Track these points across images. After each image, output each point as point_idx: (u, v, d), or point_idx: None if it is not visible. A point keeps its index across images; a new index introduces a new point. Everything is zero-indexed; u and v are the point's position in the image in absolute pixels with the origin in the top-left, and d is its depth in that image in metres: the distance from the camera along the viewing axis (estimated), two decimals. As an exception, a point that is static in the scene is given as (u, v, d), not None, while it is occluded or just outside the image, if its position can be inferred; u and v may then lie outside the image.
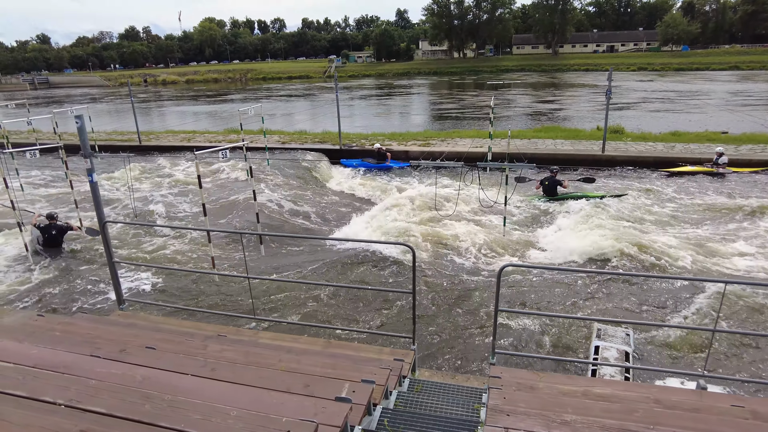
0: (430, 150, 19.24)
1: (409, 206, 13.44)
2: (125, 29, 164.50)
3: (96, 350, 4.21)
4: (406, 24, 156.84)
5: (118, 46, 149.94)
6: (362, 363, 4.38)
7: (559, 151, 18.81)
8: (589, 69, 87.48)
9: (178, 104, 59.80)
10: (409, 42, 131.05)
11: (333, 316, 8.07)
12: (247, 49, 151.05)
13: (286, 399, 3.16)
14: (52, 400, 2.78)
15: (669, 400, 3.77)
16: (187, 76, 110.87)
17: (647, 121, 29.18)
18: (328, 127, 27.00)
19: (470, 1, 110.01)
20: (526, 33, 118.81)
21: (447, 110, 41.32)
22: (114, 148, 23.49)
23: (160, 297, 8.98)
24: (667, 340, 7.11)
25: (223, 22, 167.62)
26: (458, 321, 7.84)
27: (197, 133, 27.25)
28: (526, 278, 9.26)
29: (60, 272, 10.32)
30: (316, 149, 20.84)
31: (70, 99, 73.95)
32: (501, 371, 4.32)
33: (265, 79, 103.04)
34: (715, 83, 57.69)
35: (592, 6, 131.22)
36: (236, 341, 4.99)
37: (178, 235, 12.04)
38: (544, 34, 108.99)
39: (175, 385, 3.28)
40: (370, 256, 10.31)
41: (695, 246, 10.57)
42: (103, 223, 6.05)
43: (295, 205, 14.53)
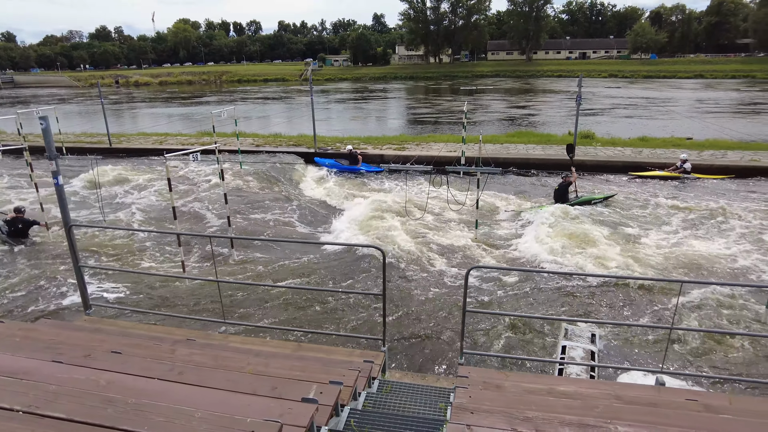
0: (405, 154, 19.38)
1: (381, 209, 13.51)
2: (96, 29, 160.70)
3: (58, 356, 4.13)
4: (382, 28, 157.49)
5: (89, 46, 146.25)
6: (332, 365, 4.41)
7: (531, 156, 19.17)
8: (561, 75, 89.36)
9: (150, 106, 58.67)
10: (386, 46, 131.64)
11: (304, 319, 8.06)
12: (222, 51, 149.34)
13: (252, 401, 3.17)
14: (9, 407, 2.73)
15: (628, 396, 3.90)
16: (160, 77, 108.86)
17: (617, 127, 29.99)
18: (304, 130, 26.88)
19: (446, 7, 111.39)
20: (500, 39, 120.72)
21: (423, 115, 41.65)
22: (82, 150, 22.93)
23: (129, 302, 8.81)
24: (630, 339, 7.33)
25: (198, 24, 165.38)
26: (429, 322, 7.92)
27: (170, 135, 26.80)
28: (495, 280, 9.41)
29: (23, 276, 10.03)
30: (291, 152, 20.76)
31: (37, 99, 71.76)
32: (469, 371, 4.40)
33: (241, 81, 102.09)
34: (682, 91, 59.63)
35: (565, 14, 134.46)
36: (205, 345, 4.96)
37: (148, 239, 11.83)
38: (518, 40, 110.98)
39: (141, 388, 3.25)
40: (341, 259, 10.33)
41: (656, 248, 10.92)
42: (68, 227, 5.93)
43: (267, 208, 14.43)
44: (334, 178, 18.39)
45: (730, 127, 26.86)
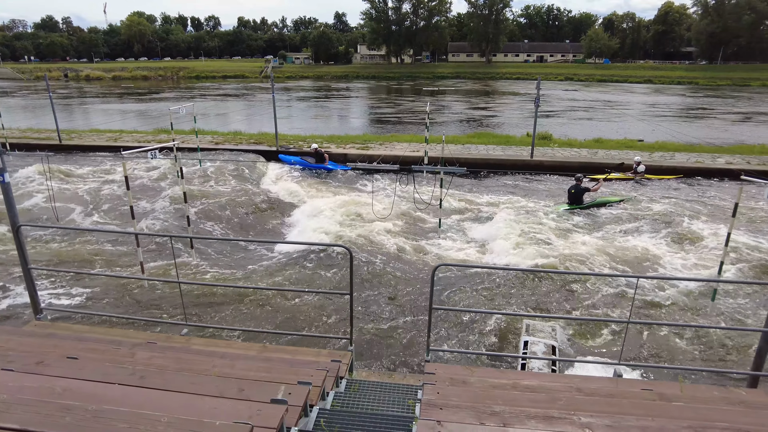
0: (369, 153, 19.39)
1: (347, 208, 13.47)
2: (42, 18, 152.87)
3: (8, 363, 3.93)
4: (344, 27, 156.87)
5: (33, 37, 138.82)
6: (299, 365, 4.37)
7: (491, 156, 19.56)
8: (520, 78, 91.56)
9: (103, 102, 56.34)
10: (348, 45, 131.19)
11: (269, 320, 7.94)
12: (179, 47, 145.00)
13: (219, 404, 3.10)
14: (-44, 418, 2.58)
15: (588, 388, 4.05)
16: (113, 72, 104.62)
17: (573, 128, 31.01)
18: (264, 128, 26.46)
19: (408, 8, 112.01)
20: (461, 41, 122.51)
21: (385, 114, 41.78)
22: (29, 146, 21.80)
23: (84, 305, 8.44)
24: (589, 333, 7.61)
25: (154, 17, 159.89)
26: (395, 320, 7.97)
27: (125, 132, 25.81)
28: (460, 277, 9.56)
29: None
30: (252, 150, 20.40)
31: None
32: (435, 368, 4.45)
33: (199, 77, 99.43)
34: (633, 95, 62.25)
35: (524, 17, 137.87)
36: (167, 348, 4.82)
37: (104, 240, 11.36)
38: (478, 42, 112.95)
39: (100, 395, 3.13)
40: (306, 259, 10.24)
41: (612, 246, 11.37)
42: (17, 228, 5.62)
43: (229, 206, 14.12)
44: (298, 176, 18.18)
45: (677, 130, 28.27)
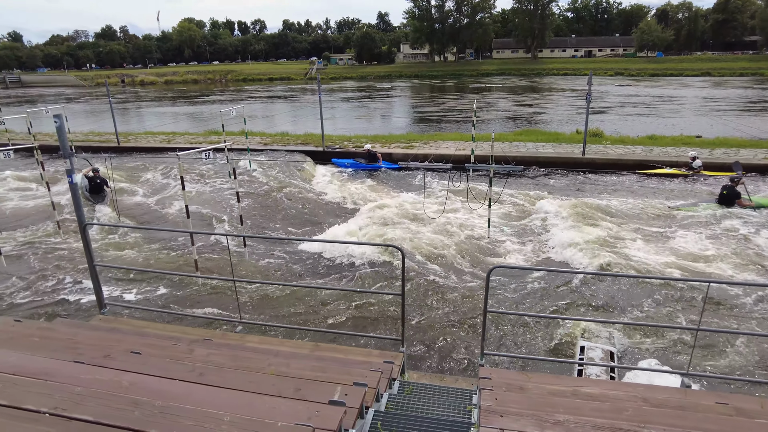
0: (414, 152, 19.29)
1: (398, 208, 13.42)
2: (101, 28, 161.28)
3: (78, 356, 4.10)
4: (387, 27, 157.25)
5: (94, 46, 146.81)
6: (352, 366, 4.35)
7: (540, 154, 19.06)
8: (567, 73, 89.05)
9: (157, 105, 58.84)
10: (391, 45, 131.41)
11: (320, 319, 8.01)
12: (227, 50, 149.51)
13: (278, 403, 3.12)
14: (36, 408, 2.69)
15: (656, 399, 3.83)
16: (166, 76, 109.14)
17: (625, 125, 29.81)
18: (310, 128, 26.86)
19: (451, 5, 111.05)
20: (506, 37, 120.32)
21: (428, 113, 41.54)
22: (91, 149, 22.98)
23: (143, 301, 8.80)
24: (652, 340, 7.24)
25: (203, 23, 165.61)
26: (446, 322, 7.86)
27: (177, 134, 26.82)
28: (514, 280, 9.34)
29: (37, 275, 10.03)
30: (299, 150, 20.73)
31: (44, 98, 72.07)
32: (490, 372, 4.33)
33: (246, 80, 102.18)
34: (689, 89, 59.25)
35: (571, 12, 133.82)
36: (222, 345, 4.91)
37: (161, 238, 11.82)
38: (523, 38, 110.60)
39: (164, 390, 3.20)
40: (357, 258, 10.26)
41: (678, 248, 10.81)
42: (83, 226, 5.89)
43: (280, 206, 14.40)
44: (348, 176, 18.28)
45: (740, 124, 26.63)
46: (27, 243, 11.81)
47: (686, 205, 13.72)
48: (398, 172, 18.40)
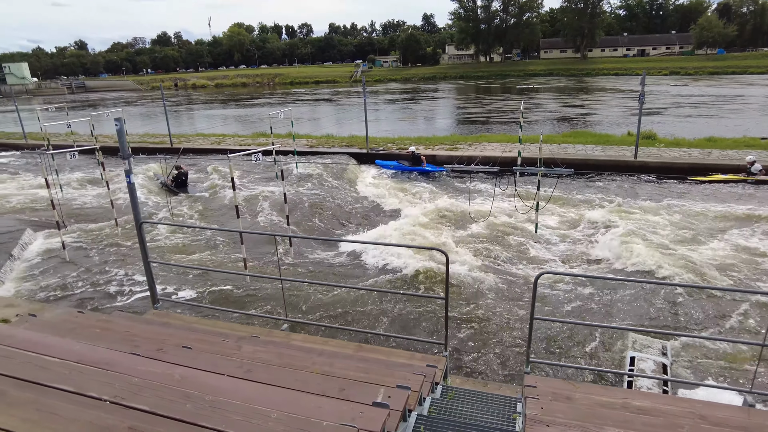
0: (459, 154, 19.13)
1: (443, 210, 13.33)
2: (157, 35, 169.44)
3: (135, 348, 4.29)
4: (432, 28, 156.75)
5: (151, 51, 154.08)
6: (394, 368, 4.35)
7: (590, 157, 18.48)
8: (618, 73, 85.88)
9: (207, 108, 60.99)
10: (436, 46, 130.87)
11: (363, 320, 8.07)
12: (275, 54, 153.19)
13: (323, 402, 3.16)
14: (98, 396, 2.83)
15: (715, 417, 3.63)
16: (216, 80, 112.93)
17: (680, 127, 28.43)
18: (354, 131, 27.12)
19: (497, 6, 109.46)
20: (554, 37, 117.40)
21: (473, 114, 41.07)
22: (146, 150, 24.09)
23: (193, 297, 9.14)
24: (709, 354, 6.87)
25: (252, 27, 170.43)
26: (490, 328, 7.74)
27: (227, 136, 27.72)
28: (562, 286, 9.09)
29: (96, 269, 10.61)
30: (344, 152, 20.96)
31: (105, 102, 76.19)
32: (536, 380, 4.24)
33: (293, 83, 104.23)
34: (754, 87, 55.86)
35: (623, 9, 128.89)
36: (269, 342, 5.02)
37: (211, 236, 12.24)
38: (572, 38, 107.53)
39: (213, 385, 3.31)
40: (401, 261, 10.26)
41: (739, 256, 10.22)
42: (139, 224, 6.18)
43: (325, 207, 14.62)
44: (393, 178, 18.33)
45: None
46: (89, 239, 12.49)
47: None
48: (443, 175, 18.29)
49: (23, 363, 3.25)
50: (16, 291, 9.78)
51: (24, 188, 18.20)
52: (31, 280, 10.29)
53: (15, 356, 3.36)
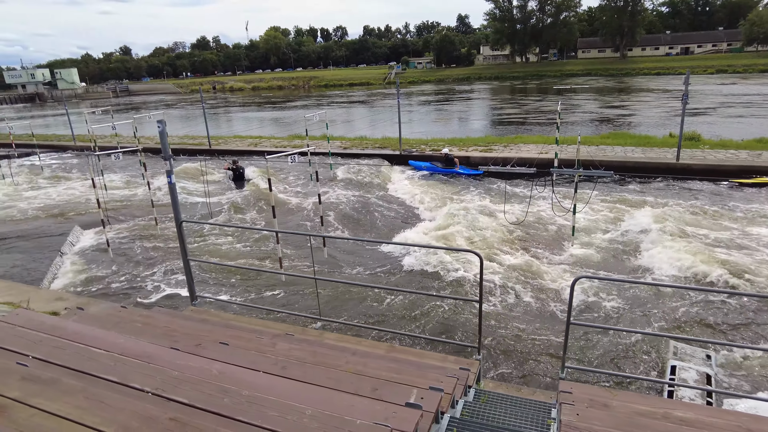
0: (493, 156, 18.92)
1: (477, 212, 13.22)
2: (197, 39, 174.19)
3: (174, 343, 4.43)
4: (467, 29, 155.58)
5: (190, 55, 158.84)
6: (427, 370, 4.35)
7: (630, 159, 17.94)
8: (660, 73, 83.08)
9: (244, 110, 62.35)
10: (470, 47, 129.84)
11: (395, 321, 8.08)
12: (310, 57, 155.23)
13: (356, 401, 3.18)
14: (140, 387, 2.94)
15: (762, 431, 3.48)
16: (253, 83, 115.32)
17: (729, 128, 27.26)
18: (387, 132, 27.19)
19: (534, 5, 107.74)
20: (592, 36, 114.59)
21: (508, 115, 40.53)
22: (186, 151, 24.82)
23: (230, 294, 9.37)
24: (757, 364, 6.56)
25: (288, 31, 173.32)
26: (524, 332, 7.62)
27: (264, 138, 28.26)
28: (600, 291, 8.87)
29: (138, 266, 11.00)
30: (377, 154, 21.05)
31: (146, 105, 78.96)
32: (571, 386, 4.15)
33: (327, 86, 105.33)
34: (808, 86, 53.04)
35: (666, 6, 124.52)
36: (303, 341, 5.10)
37: (248, 236, 12.51)
38: (611, 37, 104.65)
39: (250, 381, 3.38)
40: (434, 262, 10.22)
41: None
42: (179, 223, 6.37)
43: (359, 209, 14.72)
44: (426, 180, 18.29)
45: None
46: (131, 236, 12.96)
47: None
48: (477, 176, 18.12)
49: (73, 354, 3.41)
50: (64, 285, 10.25)
51: (73, 187, 19.06)
52: (78, 275, 10.77)
53: (66, 347, 3.53)
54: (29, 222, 14.87)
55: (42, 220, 15.08)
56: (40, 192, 18.76)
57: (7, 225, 14.54)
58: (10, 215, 15.70)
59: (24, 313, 4.88)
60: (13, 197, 18.08)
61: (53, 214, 15.65)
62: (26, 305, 7.08)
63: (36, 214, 15.71)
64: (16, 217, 15.47)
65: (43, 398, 2.66)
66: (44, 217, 15.42)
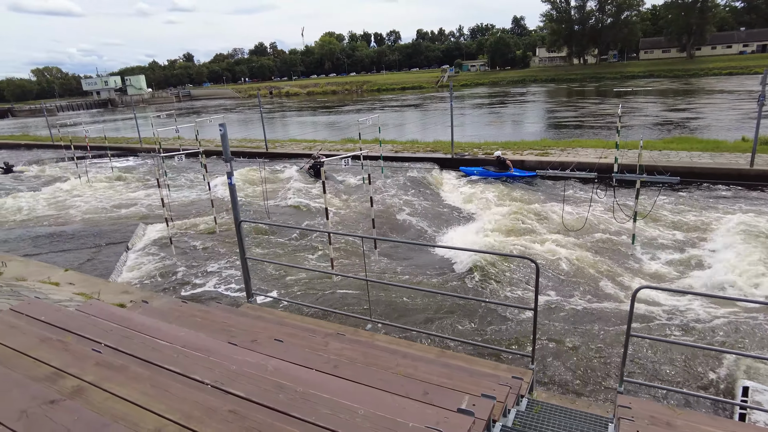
0: (549, 159, 18.41)
1: (533, 217, 12.91)
2: (255, 45, 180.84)
3: (232, 338, 4.60)
4: (522, 31, 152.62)
5: (248, 61, 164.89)
6: (478, 377, 4.28)
7: (696, 164, 16.96)
8: (733, 72, 78.03)
9: (299, 115, 63.90)
10: (525, 49, 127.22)
11: (446, 326, 8.01)
12: (363, 62, 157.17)
13: (407, 404, 3.18)
14: (201, 379, 3.07)
15: None
16: (308, 88, 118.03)
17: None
18: (439, 136, 27.06)
19: (593, 5, 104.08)
20: (655, 36, 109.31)
21: (565, 118, 39.34)
22: (244, 153, 25.73)
23: (283, 292, 9.62)
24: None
25: (342, 36, 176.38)
26: (580, 343, 7.35)
27: (318, 141, 28.86)
28: (663, 303, 8.43)
29: (197, 262, 11.50)
30: (429, 158, 20.99)
31: (207, 109, 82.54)
32: (630, 401, 3.97)
33: (380, 90, 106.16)
34: None
35: (740, 1, 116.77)
36: (354, 341, 5.15)
37: (302, 236, 12.82)
38: (677, 36, 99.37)
39: (303, 378, 3.45)
40: (486, 268, 10.07)
41: None
42: (238, 222, 6.61)
43: (410, 212, 14.74)
44: (479, 183, 18.04)
45: None
46: (192, 234, 13.57)
47: None
48: (532, 180, 17.68)
49: (140, 344, 3.60)
50: (129, 279, 10.87)
51: (139, 187, 20.20)
52: (142, 269, 11.39)
53: (133, 337, 3.74)
54: (101, 219, 15.90)
55: (112, 217, 16.09)
56: (110, 191, 20.02)
57: (82, 221, 15.61)
58: (84, 212, 16.85)
59: (96, 303, 5.21)
60: (86, 195, 19.39)
61: (121, 211, 16.66)
62: (97, 296, 7.55)
63: (107, 212, 16.78)
64: (89, 214, 16.58)
65: (115, 383, 2.83)
66: (114, 214, 16.44)
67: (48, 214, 16.89)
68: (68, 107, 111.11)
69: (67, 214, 16.80)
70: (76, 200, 18.67)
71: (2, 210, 17.73)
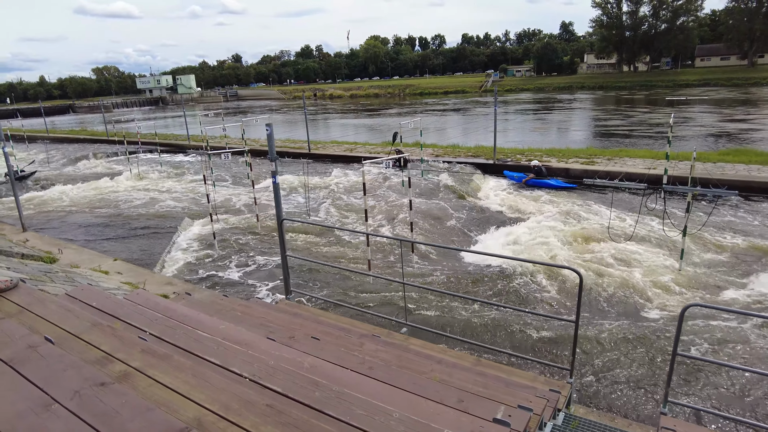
0: (595, 168, 17.89)
1: (578, 227, 12.57)
2: (301, 48, 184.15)
3: (270, 333, 4.68)
4: (570, 37, 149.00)
5: (294, 63, 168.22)
6: (515, 387, 4.20)
7: (755, 178, 16.08)
8: (798, 82, 73.71)
9: (342, 117, 64.61)
10: (573, 55, 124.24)
11: (482, 333, 7.90)
12: (407, 65, 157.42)
13: (441, 410, 3.15)
14: (239, 372, 3.14)
15: None
16: (351, 91, 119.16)
17: None
18: (481, 141, 26.76)
19: (646, 11, 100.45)
20: (713, 43, 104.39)
21: (613, 127, 38.14)
22: (288, 154, 26.23)
23: (320, 291, 9.73)
24: None
25: (387, 40, 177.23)
26: (622, 359, 7.08)
27: (358, 144, 29.09)
28: (714, 322, 8.03)
29: (239, 258, 11.80)
30: (470, 162, 20.78)
31: (252, 109, 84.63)
32: (675, 423, 3.81)
33: (422, 94, 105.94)
34: None
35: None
36: (388, 343, 5.15)
37: (340, 237, 12.95)
38: (738, 42, 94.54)
39: (339, 377, 3.48)
40: (528, 276, 9.87)
41: None
42: (280, 221, 6.73)
43: (449, 217, 14.63)
44: (520, 190, 17.70)
45: None
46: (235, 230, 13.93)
47: None
48: (578, 190, 17.20)
49: (182, 334, 3.72)
50: (173, 271, 11.25)
51: (186, 183, 20.91)
52: (185, 262, 11.77)
53: (176, 327, 3.86)
54: (149, 212, 16.55)
55: (159, 210, 16.71)
56: (159, 185, 20.83)
57: (130, 213, 16.30)
58: (133, 204, 17.60)
59: (143, 293, 5.42)
60: (137, 189, 20.25)
61: (169, 205, 17.28)
62: (143, 286, 7.86)
63: (155, 205, 17.45)
64: (138, 207, 17.30)
65: (159, 371, 2.93)
66: (161, 208, 17.08)
67: (99, 206, 17.74)
68: (123, 104, 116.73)
69: (117, 206, 17.59)
70: (126, 193, 19.53)
71: (59, 200, 18.76)
